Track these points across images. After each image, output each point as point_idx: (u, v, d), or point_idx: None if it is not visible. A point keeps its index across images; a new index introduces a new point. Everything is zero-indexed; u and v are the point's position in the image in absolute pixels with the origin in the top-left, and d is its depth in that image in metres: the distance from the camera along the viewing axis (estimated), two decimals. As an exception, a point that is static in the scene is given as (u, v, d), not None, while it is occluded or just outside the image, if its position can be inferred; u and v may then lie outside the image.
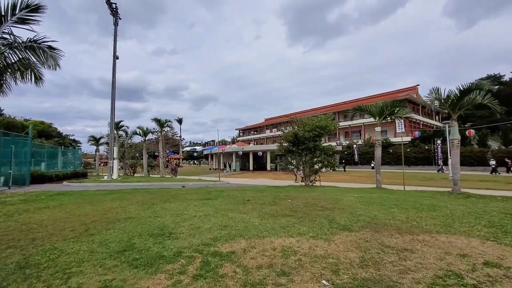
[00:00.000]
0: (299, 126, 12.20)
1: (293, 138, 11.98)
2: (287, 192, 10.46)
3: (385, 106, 10.74)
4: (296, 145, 12.16)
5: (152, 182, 17.41)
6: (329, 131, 12.17)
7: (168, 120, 23.35)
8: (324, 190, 10.89)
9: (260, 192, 10.45)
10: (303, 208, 6.78)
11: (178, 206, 7.31)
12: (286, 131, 12.61)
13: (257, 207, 7.04)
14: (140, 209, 7.05)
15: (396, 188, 12.04)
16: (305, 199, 8.16)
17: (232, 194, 9.60)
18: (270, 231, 4.71)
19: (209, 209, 6.87)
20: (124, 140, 27.31)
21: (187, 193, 10.31)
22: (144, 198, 9.05)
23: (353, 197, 8.68)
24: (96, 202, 8.26)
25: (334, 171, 24.59)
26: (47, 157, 26.43)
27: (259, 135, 72.66)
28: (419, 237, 4.33)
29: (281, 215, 5.96)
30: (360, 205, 7.13)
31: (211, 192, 10.42)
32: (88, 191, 11.40)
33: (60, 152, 27.47)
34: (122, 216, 6.11)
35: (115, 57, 20.29)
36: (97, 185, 15.62)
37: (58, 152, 27.41)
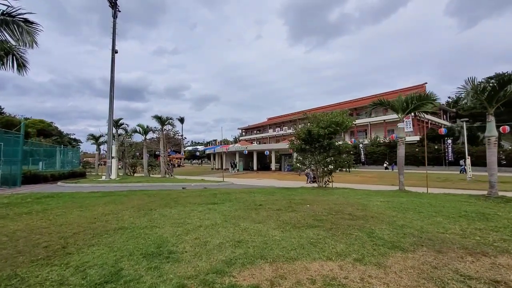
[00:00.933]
0: (312, 122, 11.11)
1: (306, 135, 10.90)
2: (301, 195, 9.38)
3: (410, 100, 9.64)
4: (309, 143, 11.08)
5: (152, 182, 16.38)
6: (345, 127, 11.10)
7: (169, 117, 22.41)
8: (341, 193, 9.80)
9: (270, 194, 9.39)
10: (328, 216, 5.70)
11: (179, 213, 6.26)
12: (299, 128, 11.55)
13: (273, 214, 5.97)
14: (135, 215, 6.01)
15: (419, 190, 10.93)
16: (325, 204, 7.09)
17: (240, 198, 8.54)
18: (298, 250, 3.65)
19: (216, 216, 5.81)
20: (124, 138, 26.32)
21: (189, 195, 9.26)
22: (141, 201, 8.01)
23: (379, 201, 7.59)
24: (86, 207, 7.23)
25: (341, 172, 23.67)
26: (44, 156, 25.55)
27: (261, 135, 71.56)
28: (501, 261, 3.25)
29: (305, 226, 4.90)
30: (394, 212, 6.04)
31: (217, 195, 9.37)
32: (81, 193, 10.39)
33: (58, 151, 26.55)
34: (112, 226, 5.07)
35: (113, 51, 19.29)
36: (93, 186, 14.61)
37: (56, 151, 26.49)
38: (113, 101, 18.98)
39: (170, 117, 22.29)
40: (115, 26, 19.40)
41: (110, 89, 18.98)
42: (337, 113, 11.03)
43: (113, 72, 19.27)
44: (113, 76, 19.21)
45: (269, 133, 68.50)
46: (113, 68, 19.27)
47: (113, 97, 18.99)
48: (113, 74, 19.26)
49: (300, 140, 11.49)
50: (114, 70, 19.33)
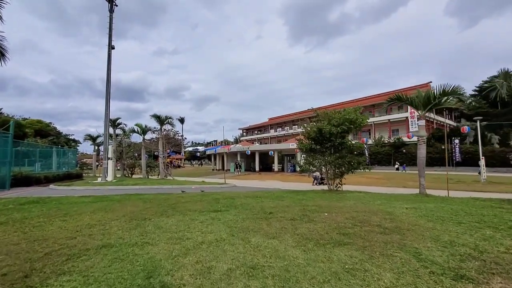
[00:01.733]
0: (323, 119, 10.20)
1: (317, 134, 9.99)
2: (313, 199, 8.48)
3: (432, 95, 8.73)
4: (320, 142, 10.18)
5: (150, 185, 15.48)
6: (359, 125, 10.19)
7: (168, 117, 21.47)
8: (357, 198, 8.90)
9: (279, 199, 8.49)
10: (354, 228, 4.80)
11: (178, 223, 5.36)
12: (309, 126, 10.63)
13: (288, 225, 5.08)
14: (125, 227, 5.11)
15: (440, 193, 10.02)
16: (345, 212, 6.19)
17: (247, 204, 7.64)
18: (333, 282, 2.75)
19: (220, 228, 4.92)
20: (122, 139, 25.43)
21: (189, 201, 8.36)
22: (135, 208, 7.11)
23: (404, 208, 6.69)
24: (71, 215, 6.33)
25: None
26: (40, 157, 24.70)
27: (263, 135, 70.71)
28: None
29: (330, 242, 4.00)
30: (430, 223, 5.14)
31: (219, 200, 8.47)
32: (71, 198, 9.49)
33: (54, 152, 25.69)
34: (95, 242, 4.17)
35: (110, 47, 18.42)
36: (87, 189, 13.71)
37: (51, 152, 25.63)
38: (109, 99, 18.11)
39: (170, 116, 21.47)
40: (111, 21, 18.53)
41: (106, 87, 18.11)
42: (350, 110, 10.13)
43: (109, 69, 18.40)
44: (109, 73, 18.33)
45: (270, 133, 67.64)
46: (109, 64, 18.39)
47: (109, 94, 18.12)
48: (110, 71, 18.39)
49: (310, 140, 10.58)
50: (111, 67, 18.47)
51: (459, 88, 8.27)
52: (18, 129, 45.44)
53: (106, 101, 17.94)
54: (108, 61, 18.35)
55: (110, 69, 18.38)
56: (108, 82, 18.17)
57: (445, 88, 8.51)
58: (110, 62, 18.38)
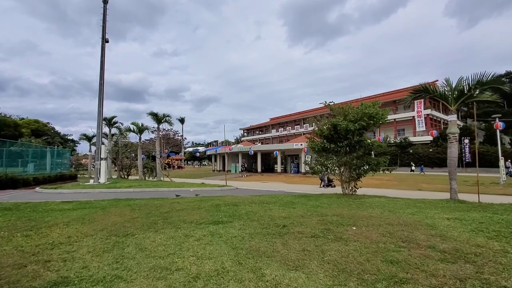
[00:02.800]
0: (338, 115, 8.98)
1: (331, 131, 8.80)
2: (329, 206, 7.29)
3: (467, 85, 7.51)
4: (334, 141, 8.98)
5: (145, 187, 14.30)
6: (379, 121, 8.94)
7: (166, 114, 20.25)
8: (379, 204, 7.69)
9: (290, 206, 7.30)
10: (400, 250, 3.61)
11: (167, 242, 4.18)
12: (321, 123, 9.38)
13: (310, 245, 3.89)
14: (98, 248, 3.93)
15: (466, 198, 8.78)
16: (377, 225, 5.00)
17: (253, 212, 6.45)
18: None
19: (222, 250, 3.74)
20: (118, 138, 24.28)
21: (185, 208, 7.18)
22: (119, 218, 5.93)
23: (446, 219, 5.50)
24: (39, 228, 5.16)
25: None
26: (34, 158, 23.64)
27: (264, 135, 69.56)
28: None
29: (379, 277, 2.81)
30: (494, 242, 3.94)
31: (220, 206, 7.28)
32: (51, 204, 8.32)
33: (48, 152, 24.58)
34: (48, 276, 3.00)
35: (104, 40, 17.28)
36: (75, 192, 12.55)
37: (45, 152, 24.53)
38: (103, 94, 16.94)
39: (167, 114, 20.23)
40: (105, 12, 17.37)
41: (100, 81, 16.96)
42: (369, 104, 8.92)
43: (103, 63, 17.24)
44: (103, 67, 17.18)
45: (272, 134, 66.50)
46: (103, 58, 17.24)
47: (103, 90, 16.96)
48: (103, 65, 17.23)
49: (322, 138, 9.38)
50: (104, 61, 17.31)
51: (499, 78, 7.06)
52: (14, 128, 44.45)
53: (100, 97, 16.79)
54: (102, 54, 17.20)
55: (104, 63, 17.24)
56: (102, 77, 17.02)
57: (481, 78, 7.30)
58: (103, 55, 17.24)
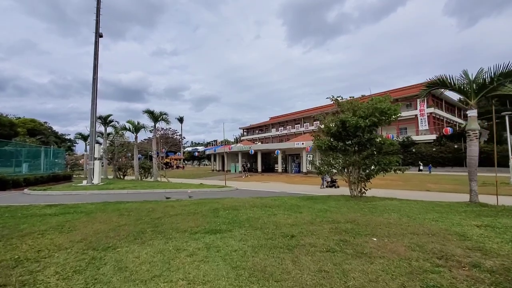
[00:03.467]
0: (347, 110, 8.26)
1: (339, 128, 8.09)
2: (339, 210, 6.59)
3: (488, 77, 6.81)
4: (342, 138, 8.27)
5: (140, 189, 13.59)
6: (391, 117, 8.18)
7: (163, 112, 19.48)
8: (394, 207, 6.99)
9: (296, 210, 6.60)
10: (439, 270, 2.91)
11: (153, 259, 3.47)
12: (328, 119, 8.65)
13: (327, 264, 3.19)
14: (69, 267, 3.22)
15: (484, 199, 8.08)
16: (399, 235, 4.31)
17: (255, 218, 5.75)
18: None
19: (220, 271, 3.03)
20: (114, 137, 23.53)
21: (180, 213, 6.47)
22: (103, 226, 5.22)
23: (475, 227, 4.81)
24: (9, 239, 4.45)
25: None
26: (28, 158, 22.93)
27: (264, 134, 68.87)
28: None
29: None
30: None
31: (219, 211, 6.58)
32: (32, 208, 7.60)
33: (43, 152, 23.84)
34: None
35: (97, 34, 16.54)
36: (64, 194, 11.84)
37: (39, 152, 23.79)
38: (96, 91, 16.20)
39: (164, 112, 19.47)
40: (99, 5, 16.62)
41: (93, 77, 16.22)
42: (380, 98, 8.18)
43: (96, 58, 16.50)
44: (96, 62, 16.43)
45: (272, 133, 65.82)
46: (96, 52, 16.49)
47: (96, 86, 16.21)
48: (97, 62, 16.50)
49: (329, 135, 8.68)
50: (98, 55, 16.57)
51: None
52: (9, 128, 43.68)
53: (93, 93, 16.06)
54: (95, 49, 16.45)
55: (97, 57, 16.49)
56: (95, 71, 16.29)
57: (504, 69, 6.61)
58: (97, 50, 16.49)
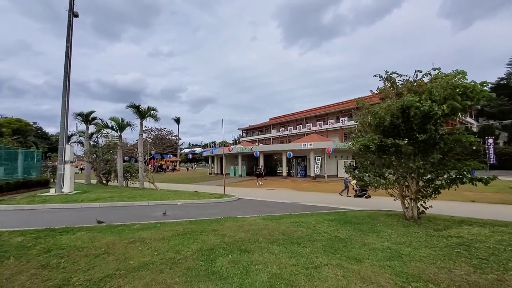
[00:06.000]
0: (408, 92, 5.58)
1: (398, 119, 5.51)
2: (417, 255, 3.88)
3: None
4: (401, 134, 5.55)
5: (117, 200, 10.79)
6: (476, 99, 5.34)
7: (151, 108, 16.60)
8: (497, 247, 4.28)
9: (345, 255, 3.88)
10: None
11: None
12: (377, 107, 5.92)
13: None
14: None
15: None
16: None
17: (280, 276, 3.00)
18: None
19: None
20: (98, 137, 20.76)
21: (147, 262, 3.73)
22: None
23: None
24: None
25: None
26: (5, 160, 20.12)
27: (264, 135, 66.14)
28: None
29: None
30: None
31: (217, 258, 3.85)
32: None
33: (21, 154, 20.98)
34: None
35: (71, 13, 13.80)
36: (8, 210, 9.02)
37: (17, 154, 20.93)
38: (69, 79, 13.44)
39: (152, 107, 16.60)
40: (73, -21, 13.94)
41: (65, 62, 13.47)
42: (454, 73, 5.44)
43: (70, 40, 13.75)
44: (70, 45, 13.68)
45: (272, 134, 63.12)
46: (70, 31, 13.74)
47: (69, 73, 13.45)
48: (70, 44, 13.74)
49: (379, 131, 6.09)
50: (72, 38, 13.82)
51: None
52: (-8, 128, 40.75)
53: (65, 81, 13.28)
54: (69, 29, 13.69)
55: (71, 40, 13.75)
56: (69, 54, 13.53)
57: None
58: (71, 30, 13.73)
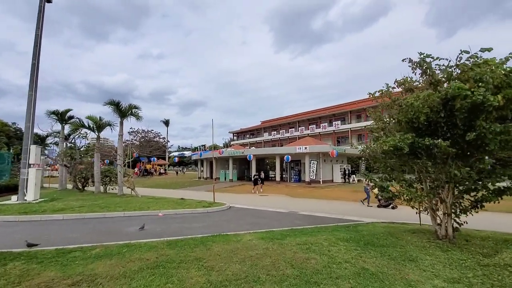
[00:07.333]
0: (447, 78, 4.62)
1: (439, 113, 4.25)
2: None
3: None
4: (439, 133, 4.39)
5: (87, 211, 9.18)
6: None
7: (133, 106, 14.85)
8: None
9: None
10: None
11: None
12: (411, 97, 4.34)
13: None
14: None
15: None
16: None
17: None
18: None
19: None
20: (75, 138, 18.86)
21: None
22: None
23: None
24: None
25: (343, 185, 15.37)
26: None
27: (255, 139, 64.87)
28: None
29: None
30: None
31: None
32: None
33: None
34: None
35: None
36: None
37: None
38: (37, 68, 11.81)
39: (134, 105, 14.88)
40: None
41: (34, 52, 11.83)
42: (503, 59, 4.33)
43: (40, 30, 12.12)
44: (40, 34, 12.05)
45: (264, 137, 61.91)
46: (41, 20, 12.12)
47: (37, 65, 11.82)
48: (40, 32, 12.11)
49: (408, 129, 4.64)
50: (42, 25, 12.20)
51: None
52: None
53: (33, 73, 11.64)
54: (39, 16, 12.06)
55: (42, 27, 12.12)
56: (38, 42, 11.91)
57: None
58: (42, 16, 12.10)
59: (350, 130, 44.46)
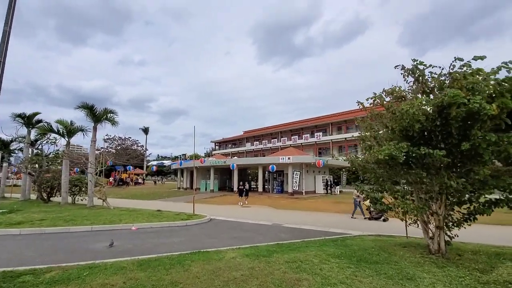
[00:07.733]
0: (453, 85, 3.97)
1: (434, 121, 3.88)
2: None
3: None
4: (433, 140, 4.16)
5: (47, 225, 8.16)
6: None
7: (109, 110, 13.82)
8: None
9: None
10: None
11: None
12: (406, 105, 4.04)
13: None
14: None
15: None
16: None
17: None
18: None
19: None
20: (42, 144, 17.38)
21: None
22: None
23: None
24: None
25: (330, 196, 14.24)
26: None
27: (238, 149, 64.27)
28: None
29: None
30: None
31: None
32: None
33: None
34: None
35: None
36: None
37: None
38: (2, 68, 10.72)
39: (111, 109, 13.90)
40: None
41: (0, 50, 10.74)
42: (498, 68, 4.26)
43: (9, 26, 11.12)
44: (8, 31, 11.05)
45: (246, 147, 61.52)
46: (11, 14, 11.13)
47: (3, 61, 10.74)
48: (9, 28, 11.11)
49: (401, 138, 4.45)
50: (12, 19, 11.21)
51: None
52: None
53: None
54: (9, 11, 11.10)
55: (11, 22, 11.13)
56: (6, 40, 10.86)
57: None
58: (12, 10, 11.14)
59: (331, 141, 45.25)
